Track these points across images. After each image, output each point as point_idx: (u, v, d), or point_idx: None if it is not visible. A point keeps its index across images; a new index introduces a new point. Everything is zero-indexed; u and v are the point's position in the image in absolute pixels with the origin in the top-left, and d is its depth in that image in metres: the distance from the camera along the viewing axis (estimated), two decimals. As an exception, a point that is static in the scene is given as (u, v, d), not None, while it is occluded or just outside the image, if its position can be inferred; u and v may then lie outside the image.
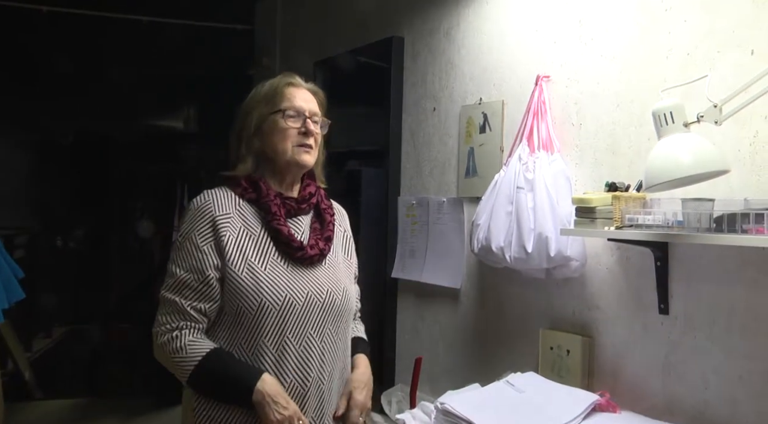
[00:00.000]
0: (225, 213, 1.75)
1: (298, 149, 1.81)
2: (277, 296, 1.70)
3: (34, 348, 5.43)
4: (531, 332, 2.53)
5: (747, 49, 1.91)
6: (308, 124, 1.82)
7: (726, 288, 1.96)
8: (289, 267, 1.76)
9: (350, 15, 3.68)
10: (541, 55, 2.54)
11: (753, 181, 1.88)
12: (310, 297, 1.75)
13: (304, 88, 1.88)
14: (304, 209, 1.86)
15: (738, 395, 1.93)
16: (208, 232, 1.72)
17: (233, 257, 1.71)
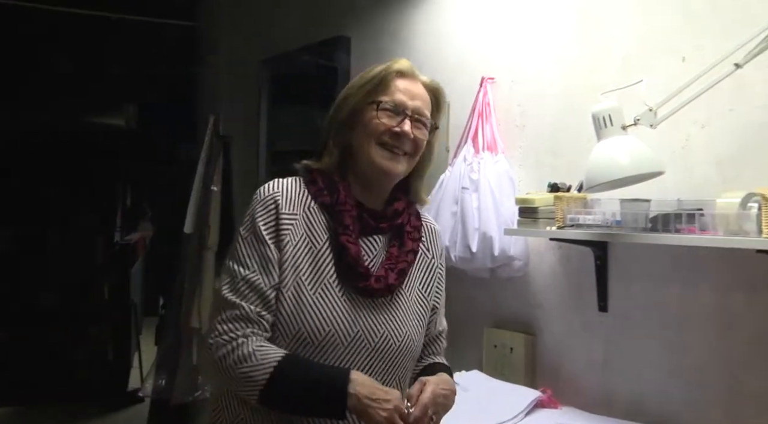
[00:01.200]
0: (291, 212, 1.47)
1: (383, 152, 1.48)
2: (318, 328, 1.41)
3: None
4: (475, 330, 2.54)
5: (678, 56, 1.96)
6: (404, 123, 1.47)
7: (661, 286, 2.01)
8: (345, 296, 1.45)
9: (297, 14, 3.67)
10: (486, 58, 2.55)
11: (686, 182, 1.93)
12: (359, 337, 1.44)
13: (417, 81, 1.54)
14: (384, 229, 1.53)
15: (670, 388, 1.98)
16: (270, 229, 1.45)
17: (286, 272, 1.44)
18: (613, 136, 1.81)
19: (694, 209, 1.76)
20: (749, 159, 1.82)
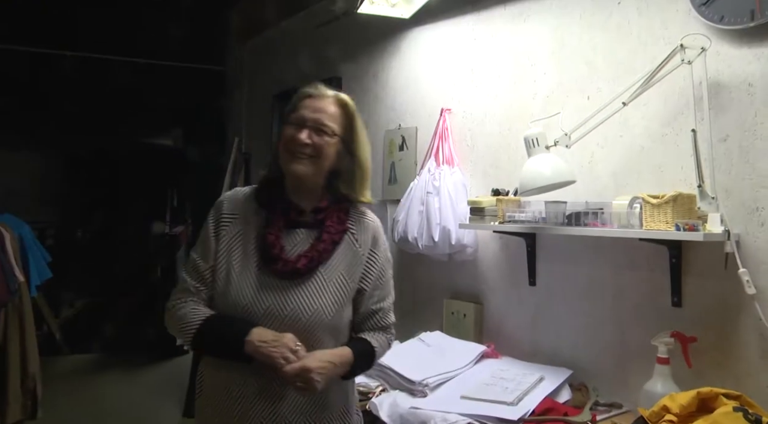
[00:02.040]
0: (232, 213, 1.46)
1: (288, 156, 1.41)
2: (239, 301, 1.39)
3: (61, 315, 5.44)
4: (437, 301, 2.55)
5: (585, 96, 2.01)
6: (301, 132, 1.40)
7: (574, 266, 2.04)
8: (263, 276, 1.40)
9: (301, 60, 3.64)
10: (444, 94, 2.57)
11: (591, 188, 1.97)
12: (271, 309, 1.38)
13: (324, 99, 1.45)
14: (308, 223, 1.45)
15: (578, 341, 2.03)
16: (213, 227, 1.45)
17: (220, 258, 1.42)
18: (539, 154, 1.85)
19: (597, 209, 1.81)
20: (634, 171, 1.88)
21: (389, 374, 2.00)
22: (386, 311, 1.54)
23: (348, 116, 1.46)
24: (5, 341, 3.11)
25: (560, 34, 2.11)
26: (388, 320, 1.55)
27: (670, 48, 1.69)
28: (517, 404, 1.75)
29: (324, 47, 3.43)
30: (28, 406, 3.22)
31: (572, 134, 1.84)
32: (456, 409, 1.75)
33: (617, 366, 1.91)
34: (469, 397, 1.82)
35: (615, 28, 1.94)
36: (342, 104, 1.46)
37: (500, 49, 2.34)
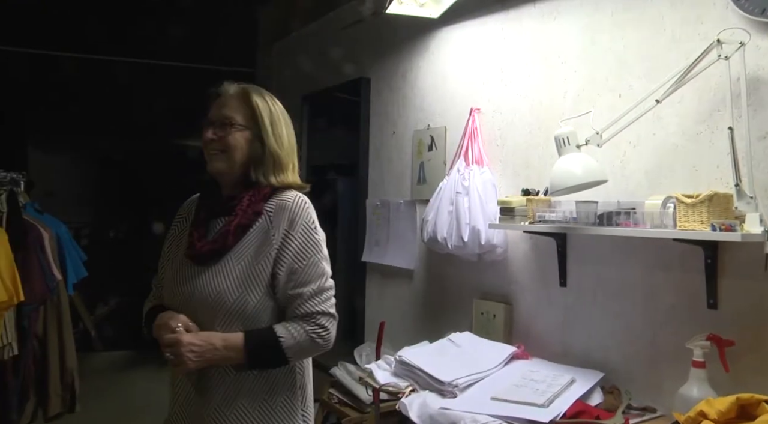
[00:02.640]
0: (181, 214, 1.55)
1: (207, 157, 1.46)
2: (166, 293, 1.47)
3: (96, 313, 5.56)
4: (467, 301, 2.54)
5: (616, 94, 1.99)
6: (207, 131, 1.45)
7: (604, 266, 2.01)
8: (184, 266, 1.44)
9: (329, 61, 3.67)
10: (473, 93, 2.56)
11: (623, 188, 1.95)
12: (184, 295, 1.41)
13: (226, 94, 1.48)
14: (228, 210, 1.44)
15: (610, 343, 2.00)
16: (172, 225, 1.55)
17: (164, 253, 1.52)
18: (570, 153, 1.83)
19: (629, 208, 1.78)
20: (667, 170, 1.85)
21: (419, 375, 2.00)
22: (306, 297, 1.40)
23: (251, 106, 1.46)
24: (45, 337, 3.19)
25: (591, 32, 2.09)
26: (307, 308, 1.39)
27: (705, 43, 1.66)
28: (548, 407, 1.73)
29: (352, 48, 3.44)
30: (67, 400, 3.30)
31: (604, 133, 1.82)
32: (486, 410, 1.74)
33: (650, 369, 1.88)
34: (499, 398, 1.81)
35: (648, 24, 1.91)
36: (244, 95, 1.47)
37: (530, 48, 2.32)
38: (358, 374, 2.48)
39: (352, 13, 3.36)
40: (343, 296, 2.07)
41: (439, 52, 2.79)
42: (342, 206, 4.14)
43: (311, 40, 3.95)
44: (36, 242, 3.06)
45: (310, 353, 1.46)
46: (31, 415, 3.16)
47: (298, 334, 1.38)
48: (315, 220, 1.46)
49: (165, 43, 4.41)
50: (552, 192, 1.89)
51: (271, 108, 1.49)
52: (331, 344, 1.44)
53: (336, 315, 1.44)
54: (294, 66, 4.15)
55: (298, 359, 1.45)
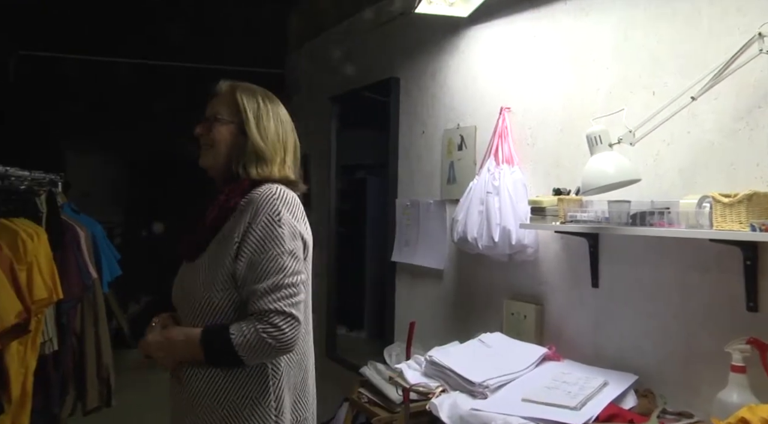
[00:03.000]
0: None
1: (200, 152, 1.52)
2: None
3: (129, 311, 5.66)
4: (497, 302, 2.53)
5: (650, 91, 1.95)
6: (196, 128, 1.50)
7: (638, 267, 1.98)
8: (183, 264, 1.50)
9: (359, 61, 3.69)
10: (503, 92, 2.54)
11: (657, 187, 1.91)
12: (174, 291, 1.50)
13: (218, 92, 1.52)
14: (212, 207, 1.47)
15: (644, 345, 1.96)
16: None
17: None
18: (602, 152, 1.80)
19: (663, 208, 1.75)
20: (702, 169, 1.81)
21: (449, 375, 1.99)
22: (260, 294, 1.33)
23: (235, 99, 1.48)
24: (82, 333, 3.27)
25: (624, 28, 2.06)
26: (261, 304, 1.32)
27: (746, 37, 1.61)
28: (580, 409, 1.71)
29: (381, 48, 3.44)
30: (104, 394, 3.38)
31: (637, 131, 1.79)
32: (517, 412, 1.73)
33: (686, 373, 1.84)
34: (530, 400, 1.79)
35: (683, 19, 1.87)
36: (232, 91, 1.49)
37: (560, 45, 2.30)
38: (388, 373, 2.48)
39: (381, 13, 3.36)
40: (373, 295, 2.08)
41: (468, 51, 2.78)
42: (371, 206, 4.15)
43: (340, 40, 3.96)
44: (73, 241, 3.13)
45: (265, 355, 1.35)
46: (71, 408, 3.24)
47: (248, 332, 1.32)
48: (281, 212, 1.38)
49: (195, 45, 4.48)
50: (584, 192, 1.86)
51: (258, 102, 1.50)
52: (288, 347, 1.33)
53: (295, 315, 1.33)
54: (323, 67, 4.17)
55: (255, 360, 1.36)
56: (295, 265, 1.38)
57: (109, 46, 4.47)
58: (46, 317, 2.75)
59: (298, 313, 1.35)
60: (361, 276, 4.25)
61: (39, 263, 2.46)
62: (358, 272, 4.23)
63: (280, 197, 1.40)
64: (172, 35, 4.46)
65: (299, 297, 1.36)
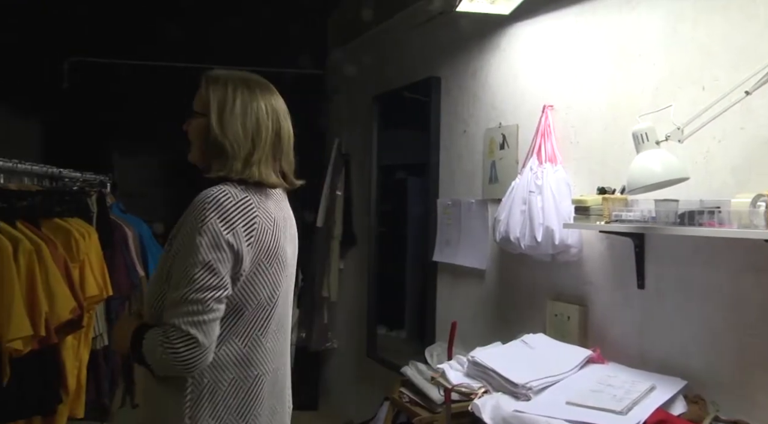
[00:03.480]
0: None
1: None
2: None
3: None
4: (540, 302, 2.51)
5: (699, 86, 1.90)
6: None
7: (686, 268, 1.93)
8: None
9: (399, 61, 3.70)
10: (546, 90, 2.52)
11: (706, 186, 1.86)
12: None
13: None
14: None
15: (693, 350, 1.91)
16: None
17: None
18: (648, 150, 1.76)
19: (713, 207, 1.69)
20: (757, 167, 1.75)
21: (491, 376, 1.98)
22: (168, 305, 1.27)
23: (206, 91, 1.39)
24: (129, 330, 3.36)
25: (672, 21, 2.00)
26: (165, 316, 1.26)
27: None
28: (626, 414, 1.67)
29: (422, 47, 3.44)
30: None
31: (685, 128, 1.74)
32: (561, 415, 1.70)
33: (740, 379, 1.77)
34: (575, 403, 1.76)
35: (737, 10, 1.80)
36: (204, 81, 1.40)
37: (605, 41, 2.25)
38: (430, 373, 2.48)
39: (422, 12, 3.36)
40: (414, 295, 2.08)
41: (510, 49, 2.75)
42: (412, 206, 4.15)
43: (381, 40, 3.98)
44: (121, 240, 3.23)
45: (166, 369, 1.27)
46: (120, 400, 3.34)
47: (153, 342, 1.26)
48: (207, 218, 1.26)
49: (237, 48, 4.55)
50: (629, 191, 1.83)
51: (227, 93, 1.37)
52: (186, 367, 1.23)
53: (193, 335, 1.22)
54: (364, 67, 4.19)
55: (161, 372, 1.29)
56: (209, 279, 1.25)
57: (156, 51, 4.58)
58: (96, 313, 2.84)
59: (197, 333, 1.23)
60: (402, 276, 4.25)
61: (90, 261, 2.55)
62: (398, 271, 4.24)
63: (215, 202, 1.29)
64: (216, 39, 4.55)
65: (205, 316, 1.24)
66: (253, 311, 1.35)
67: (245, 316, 1.34)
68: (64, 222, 2.48)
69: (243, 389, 1.34)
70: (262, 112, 1.39)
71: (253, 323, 1.36)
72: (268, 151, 1.39)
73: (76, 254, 2.43)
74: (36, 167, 2.70)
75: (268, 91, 1.44)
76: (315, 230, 4.40)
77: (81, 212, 2.78)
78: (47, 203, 2.47)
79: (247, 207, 1.32)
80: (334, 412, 4.50)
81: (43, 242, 2.08)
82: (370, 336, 3.96)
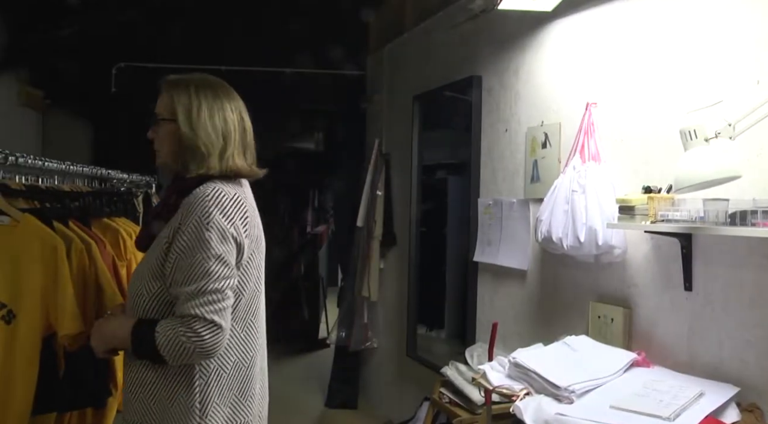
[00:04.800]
0: None
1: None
2: None
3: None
4: (582, 304, 2.47)
5: (753, 79, 1.82)
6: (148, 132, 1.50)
7: (738, 270, 1.87)
8: None
9: (440, 60, 3.69)
10: (589, 87, 2.48)
11: (760, 184, 1.79)
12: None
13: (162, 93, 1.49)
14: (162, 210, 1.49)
15: (746, 356, 1.84)
16: None
17: None
18: (697, 147, 1.71)
19: (767, 207, 1.63)
20: (815, 165, 1.67)
21: (533, 378, 1.96)
22: (185, 297, 1.34)
23: (170, 95, 1.46)
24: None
25: (722, 13, 1.93)
26: (185, 309, 1.33)
27: None
28: (674, 420, 1.62)
29: (463, 46, 3.42)
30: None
31: (737, 124, 1.68)
32: (605, 419, 1.67)
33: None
34: (619, 407, 1.72)
35: (792, 1, 1.73)
36: (166, 86, 1.47)
37: (650, 35, 2.20)
38: (471, 374, 2.47)
39: (463, 11, 3.34)
40: (454, 295, 2.08)
41: (552, 45, 2.71)
42: (452, 206, 4.13)
43: (421, 40, 3.97)
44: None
45: (186, 357, 1.35)
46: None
47: (172, 333, 1.33)
48: (211, 215, 1.35)
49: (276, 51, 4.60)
50: (677, 190, 1.78)
51: (190, 96, 1.45)
52: (209, 352, 1.34)
53: (217, 322, 1.33)
54: (405, 67, 4.20)
55: (177, 361, 1.36)
56: (223, 270, 1.35)
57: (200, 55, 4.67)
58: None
59: (221, 320, 1.33)
60: (442, 276, 4.24)
61: (136, 261, 2.61)
62: (439, 271, 4.23)
63: (214, 198, 1.38)
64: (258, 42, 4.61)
65: (224, 303, 1.35)
66: (248, 297, 1.48)
67: (242, 301, 1.46)
68: (112, 222, 2.55)
69: (242, 370, 1.47)
70: (228, 110, 1.49)
71: (248, 308, 1.49)
72: (237, 145, 1.49)
73: (123, 253, 2.49)
74: (86, 169, 2.78)
75: (228, 90, 1.54)
76: (355, 229, 4.41)
77: (128, 212, 2.86)
78: (97, 204, 2.55)
79: (240, 202, 1.43)
80: (374, 411, 4.51)
81: (93, 241, 2.14)
82: (410, 336, 3.96)
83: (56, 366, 1.98)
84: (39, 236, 1.91)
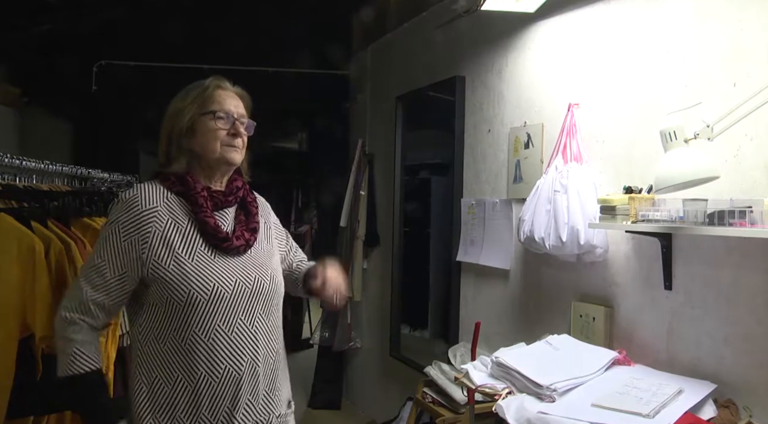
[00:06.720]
0: (151, 207, 1.44)
1: (227, 148, 1.51)
2: (204, 286, 1.41)
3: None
4: (564, 303, 2.48)
5: (730, 82, 1.85)
6: (237, 126, 1.53)
7: (716, 269, 1.90)
8: (216, 257, 1.45)
9: (423, 60, 3.68)
10: (571, 88, 2.49)
11: (737, 185, 1.82)
12: (239, 285, 1.45)
13: (232, 92, 1.57)
14: (231, 202, 1.56)
15: (723, 353, 1.87)
16: (132, 227, 1.43)
17: (159, 250, 1.41)
18: (677, 148, 1.72)
19: (744, 207, 1.64)
20: (791, 166, 1.70)
21: (516, 377, 1.96)
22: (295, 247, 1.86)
23: (249, 108, 1.62)
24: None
25: (701, 16, 1.96)
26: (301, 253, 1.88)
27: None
28: (653, 417, 1.64)
29: (446, 47, 3.43)
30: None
31: (715, 125, 1.70)
32: (587, 417, 1.67)
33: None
34: (600, 405, 1.73)
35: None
36: (245, 99, 1.62)
37: (632, 37, 2.22)
38: (454, 374, 2.47)
39: (446, 12, 3.35)
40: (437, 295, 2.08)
41: (535, 46, 2.73)
42: (435, 206, 4.13)
43: (405, 40, 3.97)
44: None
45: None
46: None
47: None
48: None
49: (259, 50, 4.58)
50: (657, 190, 1.79)
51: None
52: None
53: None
54: (388, 67, 4.19)
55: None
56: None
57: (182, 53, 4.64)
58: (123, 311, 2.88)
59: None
60: (425, 276, 4.24)
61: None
62: (422, 271, 4.23)
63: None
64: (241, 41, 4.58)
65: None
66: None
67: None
68: (92, 221, 2.52)
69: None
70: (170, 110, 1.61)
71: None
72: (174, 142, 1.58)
73: (104, 252, 2.46)
74: (66, 168, 2.75)
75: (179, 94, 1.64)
76: (338, 229, 4.40)
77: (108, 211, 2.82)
78: (77, 203, 2.52)
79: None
80: (357, 411, 4.51)
81: (73, 242, 2.12)
82: (394, 336, 3.96)
83: (34, 368, 1.96)
84: (16, 236, 1.89)
